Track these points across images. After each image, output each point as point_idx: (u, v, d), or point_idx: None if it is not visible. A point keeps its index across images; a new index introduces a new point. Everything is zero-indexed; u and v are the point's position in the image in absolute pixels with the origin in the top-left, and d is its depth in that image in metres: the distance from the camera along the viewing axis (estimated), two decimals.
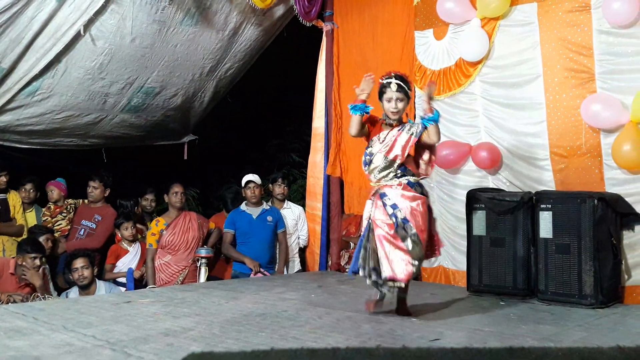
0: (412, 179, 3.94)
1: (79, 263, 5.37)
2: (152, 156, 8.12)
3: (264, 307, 4.22)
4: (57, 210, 6.36)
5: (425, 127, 3.92)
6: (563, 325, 3.77)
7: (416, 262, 3.77)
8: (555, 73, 5.01)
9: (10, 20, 5.27)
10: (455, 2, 5.46)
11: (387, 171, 3.92)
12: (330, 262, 6.56)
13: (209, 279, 5.83)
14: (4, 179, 5.94)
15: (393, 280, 3.75)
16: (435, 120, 3.93)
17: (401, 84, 3.95)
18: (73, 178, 6.63)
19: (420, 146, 4.05)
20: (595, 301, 4.30)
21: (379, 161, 3.94)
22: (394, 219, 3.79)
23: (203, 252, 5.84)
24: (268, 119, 9.29)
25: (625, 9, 4.54)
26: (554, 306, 4.37)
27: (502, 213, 4.81)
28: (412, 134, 3.94)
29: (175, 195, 6.10)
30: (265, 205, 6.23)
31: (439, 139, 4.01)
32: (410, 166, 3.98)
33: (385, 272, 3.74)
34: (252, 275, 5.85)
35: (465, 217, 5.08)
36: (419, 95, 5.88)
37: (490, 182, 5.41)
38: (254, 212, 6.11)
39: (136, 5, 5.78)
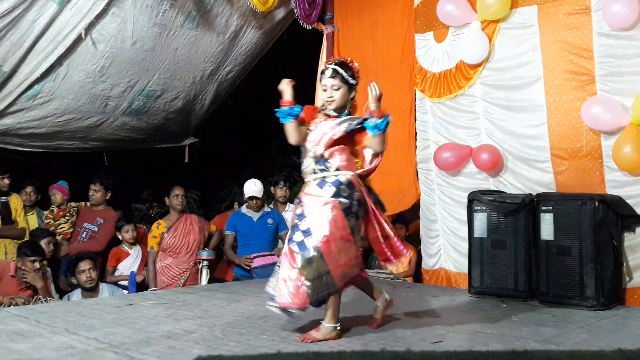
0: (332, 176, 3.38)
1: (85, 265, 5.36)
2: (153, 159, 8.13)
3: (265, 310, 4.19)
4: (60, 213, 6.37)
5: (361, 126, 3.39)
6: (564, 327, 3.77)
7: (308, 283, 3.20)
8: (556, 75, 5.02)
9: (11, 23, 5.28)
10: (456, 5, 5.47)
11: (312, 166, 3.45)
12: None
13: (210, 281, 5.84)
14: (6, 181, 5.94)
15: (285, 309, 3.32)
16: (380, 128, 3.35)
17: (338, 69, 3.46)
18: (74, 181, 6.64)
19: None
20: (597, 303, 4.31)
21: (306, 154, 3.49)
22: (294, 231, 3.33)
23: (204, 254, 5.86)
24: (268, 122, 9.29)
25: (625, 12, 4.54)
26: (555, 308, 4.38)
27: (503, 215, 4.81)
28: (342, 130, 3.40)
29: (176, 197, 6.11)
30: (267, 208, 6.24)
31: (382, 149, 3.41)
32: (345, 159, 3.42)
33: (279, 299, 3.33)
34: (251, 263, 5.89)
35: (466, 219, 5.08)
36: (420, 98, 5.91)
37: (491, 184, 5.42)
38: (255, 214, 6.11)
39: (137, 9, 5.79)
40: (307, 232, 3.27)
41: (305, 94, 7.03)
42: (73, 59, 5.89)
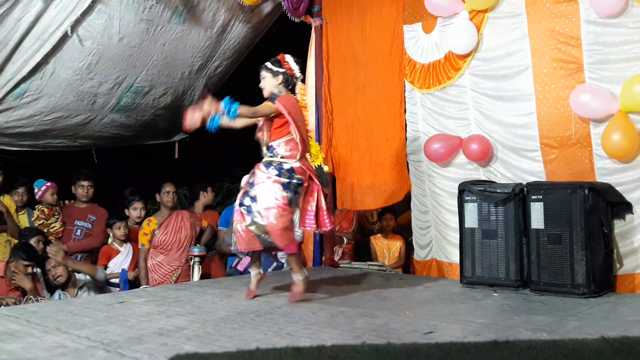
0: (277, 161, 4.29)
1: (50, 264, 5.33)
2: (143, 156, 8.09)
3: (257, 304, 4.22)
4: (51, 212, 6.32)
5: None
6: (556, 315, 3.79)
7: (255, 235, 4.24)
8: (544, 64, 5.02)
9: None
10: None
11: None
12: (324, 258, 6.57)
13: (202, 277, 5.82)
14: None
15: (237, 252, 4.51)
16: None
17: (267, 64, 4.42)
18: (60, 179, 6.57)
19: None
20: (588, 290, 4.33)
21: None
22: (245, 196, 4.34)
23: (196, 250, 5.82)
24: None
25: None
26: (546, 296, 4.40)
27: (493, 205, 4.82)
28: None
29: (167, 194, 6.09)
30: None
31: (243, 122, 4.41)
32: (289, 148, 4.32)
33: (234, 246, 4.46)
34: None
35: (457, 210, 5.09)
36: (409, 89, 5.90)
37: (482, 174, 5.42)
38: None
39: (123, 5, 5.74)
40: (254, 199, 4.20)
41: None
42: (60, 57, 5.84)
